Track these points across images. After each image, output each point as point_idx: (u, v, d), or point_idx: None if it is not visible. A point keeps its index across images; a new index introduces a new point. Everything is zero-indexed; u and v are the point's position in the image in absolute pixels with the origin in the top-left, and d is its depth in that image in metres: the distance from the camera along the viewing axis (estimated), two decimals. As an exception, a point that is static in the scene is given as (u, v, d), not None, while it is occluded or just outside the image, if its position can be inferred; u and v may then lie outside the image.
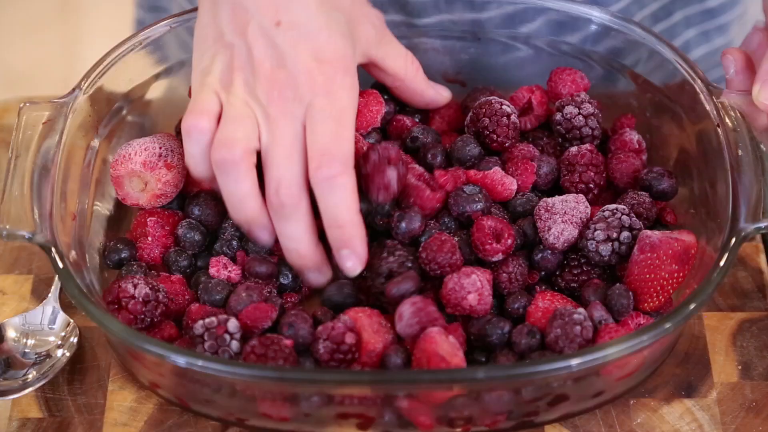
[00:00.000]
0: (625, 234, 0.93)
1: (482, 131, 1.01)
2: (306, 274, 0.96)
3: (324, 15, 0.92)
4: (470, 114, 1.03)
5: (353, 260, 0.93)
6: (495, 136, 1.01)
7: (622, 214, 0.94)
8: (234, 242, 0.98)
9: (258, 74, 0.92)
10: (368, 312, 0.92)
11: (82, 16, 2.60)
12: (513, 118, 1.02)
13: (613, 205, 0.95)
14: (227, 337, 0.88)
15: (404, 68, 1.02)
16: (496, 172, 0.98)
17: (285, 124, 0.91)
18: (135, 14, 1.35)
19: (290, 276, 0.96)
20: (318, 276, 0.96)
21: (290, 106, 0.91)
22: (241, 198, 0.93)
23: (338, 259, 0.94)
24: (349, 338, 0.89)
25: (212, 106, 0.93)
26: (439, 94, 1.05)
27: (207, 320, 0.89)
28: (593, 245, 0.93)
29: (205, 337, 0.88)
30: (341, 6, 0.94)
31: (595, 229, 0.94)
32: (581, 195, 0.97)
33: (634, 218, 0.94)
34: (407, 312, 0.90)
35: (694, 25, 1.23)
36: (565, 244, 0.95)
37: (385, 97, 1.05)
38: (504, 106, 1.02)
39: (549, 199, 0.97)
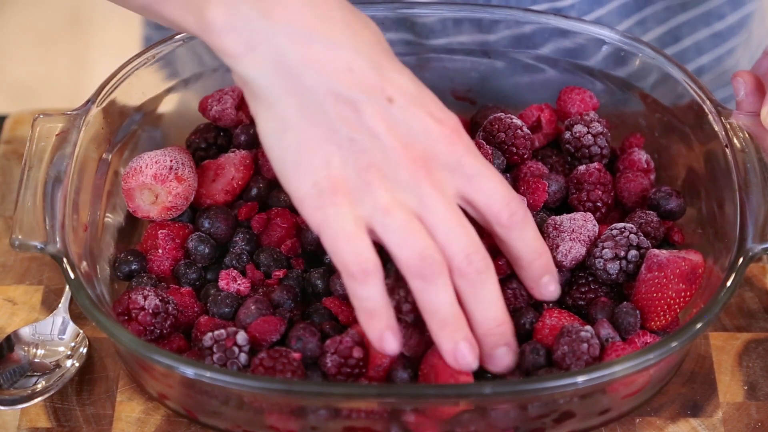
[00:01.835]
0: (633, 253, 0.93)
1: (500, 146, 1.01)
2: (496, 352, 0.88)
3: (407, 73, 0.86)
4: (481, 132, 1.03)
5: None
6: (515, 148, 1.01)
7: (630, 232, 0.94)
8: (244, 256, 0.98)
9: (396, 160, 0.83)
10: (376, 327, 0.93)
11: (91, 32, 2.61)
12: (525, 129, 1.02)
13: (621, 224, 0.95)
14: (236, 349, 0.88)
15: None
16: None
17: (442, 198, 0.84)
18: (143, 31, 1.36)
19: None
20: (508, 353, 0.89)
21: (440, 177, 0.84)
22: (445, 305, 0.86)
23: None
24: (357, 352, 0.89)
25: (366, 243, 0.84)
26: None
27: (216, 332, 0.89)
28: (601, 263, 0.94)
29: (214, 349, 0.89)
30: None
31: (603, 248, 0.94)
32: (589, 213, 0.98)
33: (642, 237, 0.95)
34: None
35: (706, 51, 1.23)
36: (573, 262, 0.95)
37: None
38: (514, 120, 1.02)
39: (557, 217, 0.97)
